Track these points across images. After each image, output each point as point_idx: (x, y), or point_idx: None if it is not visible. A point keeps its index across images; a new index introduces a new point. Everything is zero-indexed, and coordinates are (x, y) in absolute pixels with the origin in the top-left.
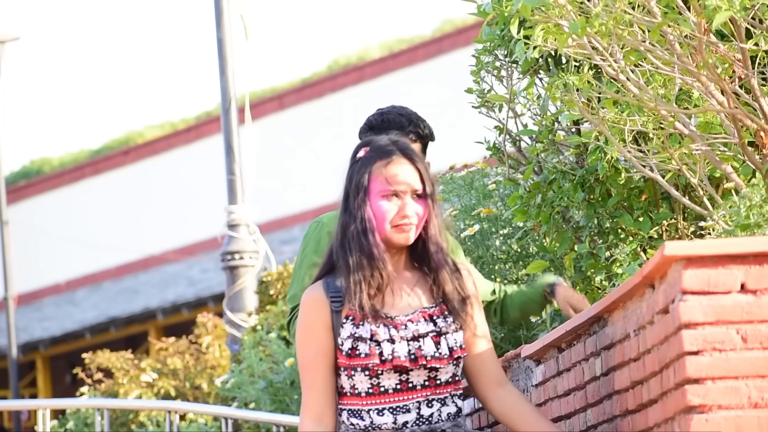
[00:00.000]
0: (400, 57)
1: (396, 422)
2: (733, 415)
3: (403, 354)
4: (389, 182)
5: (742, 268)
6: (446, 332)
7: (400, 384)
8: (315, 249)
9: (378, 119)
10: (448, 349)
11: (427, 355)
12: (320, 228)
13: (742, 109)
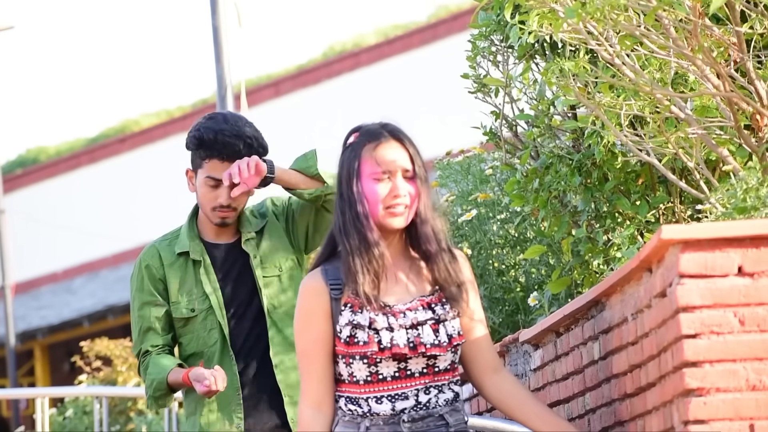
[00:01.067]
0: (395, 43)
1: (394, 409)
2: (731, 397)
3: (402, 342)
4: (379, 163)
5: (739, 251)
6: (445, 319)
7: (398, 372)
8: (140, 287)
9: (210, 137)
10: (447, 337)
11: (427, 343)
12: (140, 265)
13: (737, 93)
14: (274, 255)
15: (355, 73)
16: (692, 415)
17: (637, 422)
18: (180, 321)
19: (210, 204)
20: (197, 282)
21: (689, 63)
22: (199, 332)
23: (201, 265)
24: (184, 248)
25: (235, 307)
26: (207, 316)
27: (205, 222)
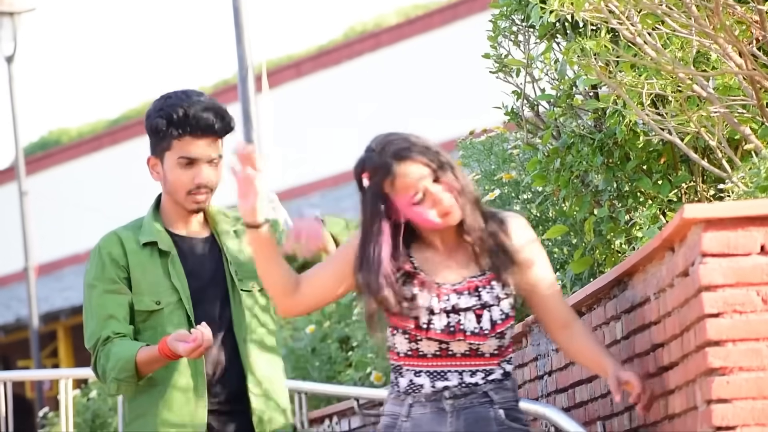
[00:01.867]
0: (416, 23)
1: (435, 386)
2: (754, 376)
3: (440, 327)
4: (408, 189)
5: (762, 229)
6: (491, 305)
7: (439, 351)
8: (100, 275)
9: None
10: (490, 324)
11: (467, 330)
12: (99, 252)
13: (760, 71)
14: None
15: (375, 53)
16: (715, 394)
17: (659, 402)
18: (142, 314)
19: (185, 187)
20: (165, 273)
21: (711, 41)
22: (164, 328)
23: (169, 257)
24: (151, 238)
25: (204, 302)
26: (174, 310)
27: (172, 212)
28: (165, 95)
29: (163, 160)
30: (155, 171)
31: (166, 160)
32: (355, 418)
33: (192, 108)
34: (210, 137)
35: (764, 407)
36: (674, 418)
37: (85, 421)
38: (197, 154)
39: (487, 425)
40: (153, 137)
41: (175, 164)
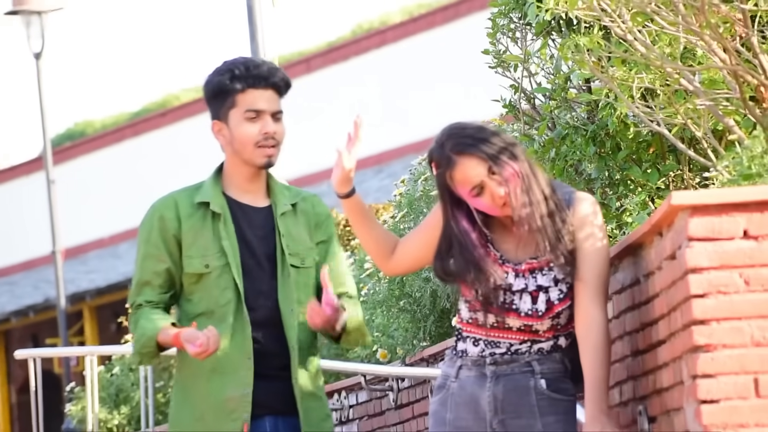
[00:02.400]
0: (419, 21)
1: (483, 352)
2: (737, 353)
3: (497, 303)
4: (465, 185)
5: (745, 215)
6: (547, 287)
7: (497, 323)
8: (147, 238)
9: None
10: (545, 305)
11: (521, 311)
12: (152, 215)
13: (743, 66)
14: (301, 242)
15: (381, 49)
16: (700, 370)
17: (648, 377)
18: (192, 277)
19: (253, 140)
20: (215, 236)
21: (697, 38)
22: (212, 290)
23: (221, 219)
24: (205, 198)
25: (254, 271)
26: (222, 273)
27: (236, 176)
28: (220, 64)
29: (228, 121)
30: (221, 135)
31: (231, 119)
32: (362, 392)
33: (251, 62)
34: (271, 89)
35: (746, 382)
36: (662, 392)
37: (108, 395)
38: (262, 106)
39: (526, 393)
40: (216, 100)
41: (241, 119)
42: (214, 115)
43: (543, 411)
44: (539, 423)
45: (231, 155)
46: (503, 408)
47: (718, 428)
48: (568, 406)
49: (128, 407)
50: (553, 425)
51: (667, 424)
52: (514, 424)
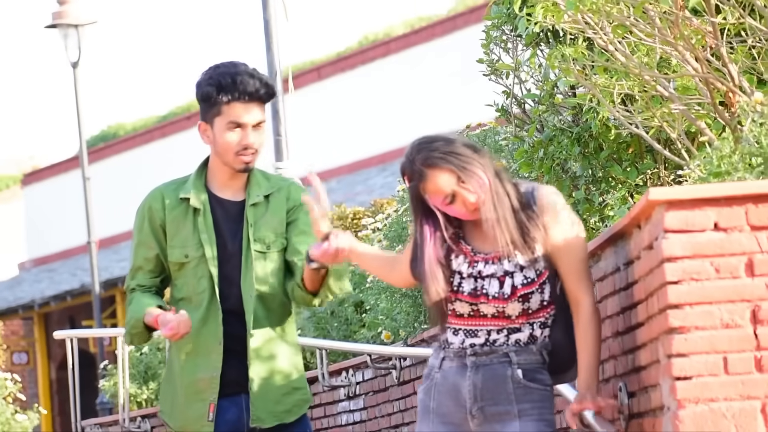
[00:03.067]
0: (420, 33)
1: (464, 343)
2: (708, 334)
3: (467, 290)
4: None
5: (715, 209)
6: (513, 272)
7: (472, 312)
8: (140, 227)
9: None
10: (510, 288)
11: (489, 294)
12: (144, 206)
13: (713, 74)
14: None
15: (386, 59)
16: (675, 350)
17: (628, 356)
18: (174, 265)
19: (234, 149)
20: (194, 229)
21: (672, 49)
22: (190, 278)
23: (200, 214)
24: (187, 194)
25: (227, 260)
26: (199, 263)
27: (218, 174)
28: (214, 66)
29: (213, 125)
30: (206, 135)
31: (215, 125)
32: (368, 370)
33: (239, 76)
34: (255, 102)
35: (716, 360)
36: (641, 370)
37: (138, 372)
38: (245, 119)
39: (503, 382)
40: (204, 104)
41: (224, 128)
42: (202, 116)
43: (519, 398)
44: (515, 409)
45: (214, 155)
46: (482, 396)
47: (690, 402)
48: (543, 395)
49: (155, 383)
50: (528, 411)
51: (645, 399)
52: (492, 410)
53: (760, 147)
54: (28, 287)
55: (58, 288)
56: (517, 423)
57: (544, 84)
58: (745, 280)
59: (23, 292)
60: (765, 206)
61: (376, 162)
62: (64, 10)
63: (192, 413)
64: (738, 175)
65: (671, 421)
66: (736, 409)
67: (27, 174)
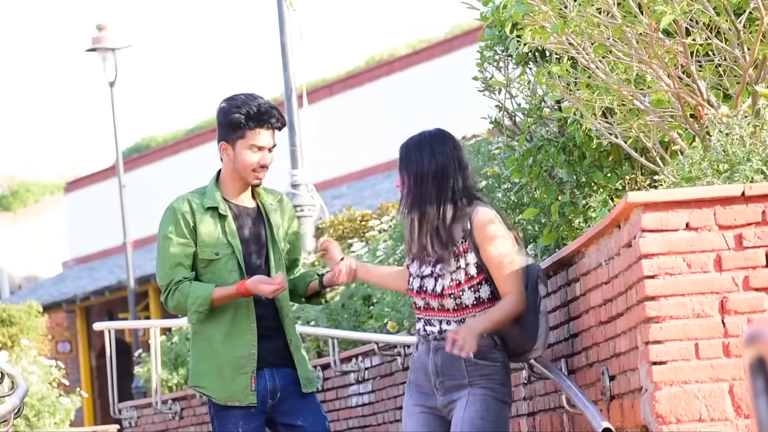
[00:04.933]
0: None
1: (426, 330)
2: (681, 323)
3: (416, 287)
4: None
5: (687, 211)
6: (441, 275)
7: (425, 305)
8: (176, 230)
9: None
10: (441, 288)
11: (428, 290)
12: (174, 212)
13: (684, 90)
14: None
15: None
16: (651, 337)
17: (609, 343)
18: (204, 262)
19: (252, 167)
20: (222, 232)
21: (647, 67)
22: (221, 273)
23: (226, 219)
24: (213, 204)
25: (250, 255)
26: (229, 259)
27: (231, 185)
28: (233, 96)
29: (234, 146)
30: (226, 154)
31: (237, 146)
32: (375, 357)
33: (263, 107)
34: (272, 130)
35: (688, 346)
36: (620, 355)
37: (169, 359)
38: (264, 142)
39: (457, 361)
40: (227, 128)
41: (246, 149)
42: (223, 137)
43: (471, 373)
44: (467, 380)
45: (231, 170)
46: (442, 371)
47: (666, 384)
48: (492, 369)
49: (185, 369)
50: (476, 380)
51: (625, 381)
52: (450, 383)
53: (726, 155)
54: (71, 283)
55: (97, 284)
56: (467, 389)
57: (533, 99)
58: (714, 275)
59: (66, 288)
60: (731, 208)
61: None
62: (103, 36)
63: (237, 386)
64: (707, 179)
65: (648, 402)
66: (706, 390)
67: (69, 182)
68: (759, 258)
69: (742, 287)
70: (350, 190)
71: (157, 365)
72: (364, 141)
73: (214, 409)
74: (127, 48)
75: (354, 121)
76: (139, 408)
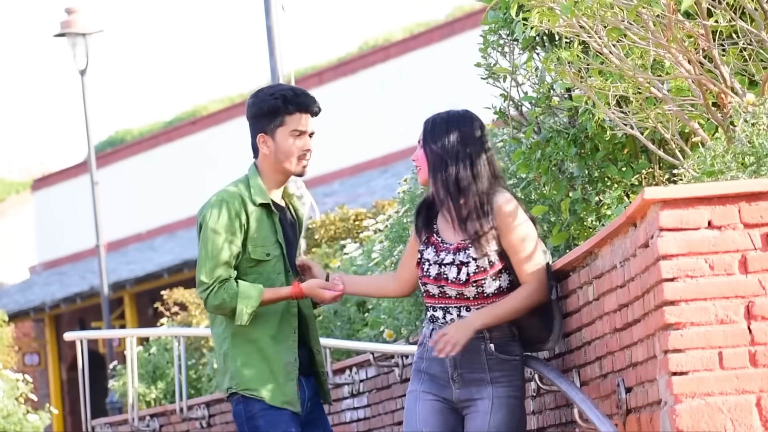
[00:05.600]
0: (419, 38)
1: (444, 318)
2: (703, 330)
3: (433, 274)
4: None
5: (709, 208)
6: (467, 262)
7: (440, 293)
8: (224, 226)
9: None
10: (466, 275)
11: (449, 279)
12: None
13: (706, 76)
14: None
15: (385, 64)
16: (671, 345)
17: (624, 352)
18: (252, 262)
19: (296, 154)
20: (272, 230)
21: (665, 51)
22: (269, 275)
23: (276, 218)
24: (265, 200)
25: (292, 258)
26: (277, 261)
27: (271, 181)
28: (262, 88)
29: (274, 136)
30: (266, 146)
31: (277, 135)
32: (371, 368)
33: (296, 91)
34: (310, 114)
35: (711, 355)
36: (637, 365)
37: (147, 372)
38: (304, 127)
39: (478, 353)
40: (264, 118)
41: (287, 136)
42: (260, 129)
43: (492, 367)
44: (488, 376)
45: (272, 163)
46: (461, 364)
47: (687, 397)
48: (513, 365)
49: (164, 383)
50: (498, 378)
51: (642, 393)
52: (469, 377)
53: (752, 146)
54: (39, 290)
55: (68, 290)
56: (490, 388)
57: (541, 87)
58: (738, 277)
59: (34, 295)
60: (758, 204)
61: (377, 164)
62: (72, 20)
63: (290, 391)
64: (731, 174)
65: (668, 416)
66: (731, 403)
67: (37, 179)
68: None
69: None
70: (343, 187)
71: (134, 378)
72: (357, 133)
73: (258, 407)
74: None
75: (346, 111)
76: (114, 425)
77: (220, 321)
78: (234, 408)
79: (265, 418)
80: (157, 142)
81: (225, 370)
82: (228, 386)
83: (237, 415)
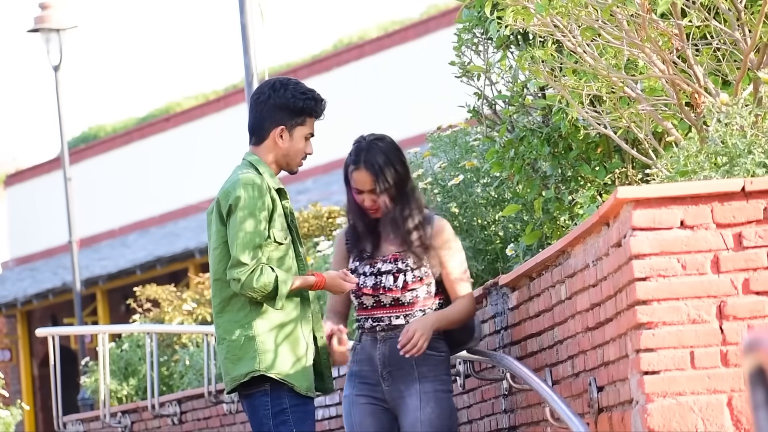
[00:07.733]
0: (393, 36)
1: (372, 325)
2: (675, 330)
3: (370, 284)
4: (356, 185)
5: (682, 207)
6: (405, 270)
7: (375, 303)
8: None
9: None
10: (402, 283)
11: (386, 286)
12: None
13: (679, 76)
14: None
15: (360, 61)
16: (643, 345)
17: (597, 351)
18: (274, 246)
19: (302, 155)
20: (286, 216)
21: (639, 51)
22: (285, 259)
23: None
24: (279, 185)
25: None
26: (290, 246)
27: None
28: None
29: (292, 133)
30: (281, 138)
31: (296, 133)
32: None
33: (320, 97)
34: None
35: (683, 355)
36: (609, 364)
37: (119, 368)
38: (314, 131)
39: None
40: (291, 112)
41: (303, 137)
42: (281, 122)
43: (418, 363)
44: (415, 372)
45: (277, 156)
46: (389, 362)
47: (658, 396)
48: (438, 360)
49: (136, 379)
50: (425, 373)
51: (614, 392)
52: (398, 373)
53: (725, 146)
54: (11, 286)
55: (40, 286)
56: (417, 384)
57: (515, 85)
58: (711, 277)
59: (6, 291)
60: (730, 204)
61: None
62: (46, 15)
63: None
64: (704, 173)
65: (640, 415)
66: (703, 402)
67: (9, 175)
68: (760, 259)
69: (742, 291)
70: (316, 185)
71: (106, 375)
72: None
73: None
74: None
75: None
76: (85, 421)
77: (240, 306)
78: (257, 399)
79: (295, 415)
80: (131, 138)
81: (242, 355)
82: (251, 370)
83: (260, 406)
